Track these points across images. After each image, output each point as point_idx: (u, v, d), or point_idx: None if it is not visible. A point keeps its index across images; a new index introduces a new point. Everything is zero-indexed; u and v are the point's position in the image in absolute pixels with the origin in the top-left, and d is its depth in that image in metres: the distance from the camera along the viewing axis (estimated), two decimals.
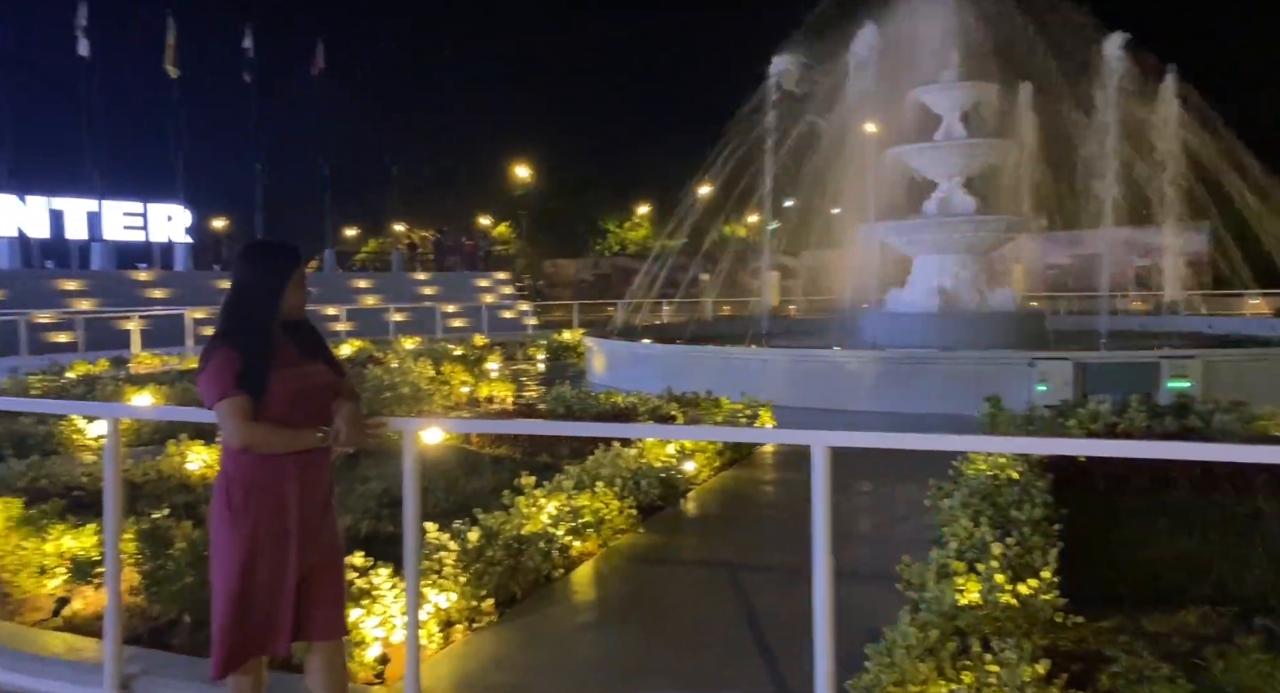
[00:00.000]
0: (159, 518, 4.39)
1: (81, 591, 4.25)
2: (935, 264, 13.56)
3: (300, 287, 2.97)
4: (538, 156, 57.58)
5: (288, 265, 2.94)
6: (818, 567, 2.81)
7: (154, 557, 4.02)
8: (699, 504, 6.29)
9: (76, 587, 4.24)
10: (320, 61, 36.58)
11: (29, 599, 4.28)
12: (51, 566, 4.26)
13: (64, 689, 3.54)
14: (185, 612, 3.79)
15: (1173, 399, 8.41)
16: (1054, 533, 4.65)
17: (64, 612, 4.12)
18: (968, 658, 3.28)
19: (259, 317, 2.88)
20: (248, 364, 2.84)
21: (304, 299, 3.00)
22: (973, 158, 13.96)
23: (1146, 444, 4.38)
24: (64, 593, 4.27)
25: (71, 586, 4.24)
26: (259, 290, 2.90)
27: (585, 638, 4.02)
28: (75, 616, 4.09)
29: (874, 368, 10.06)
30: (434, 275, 36.68)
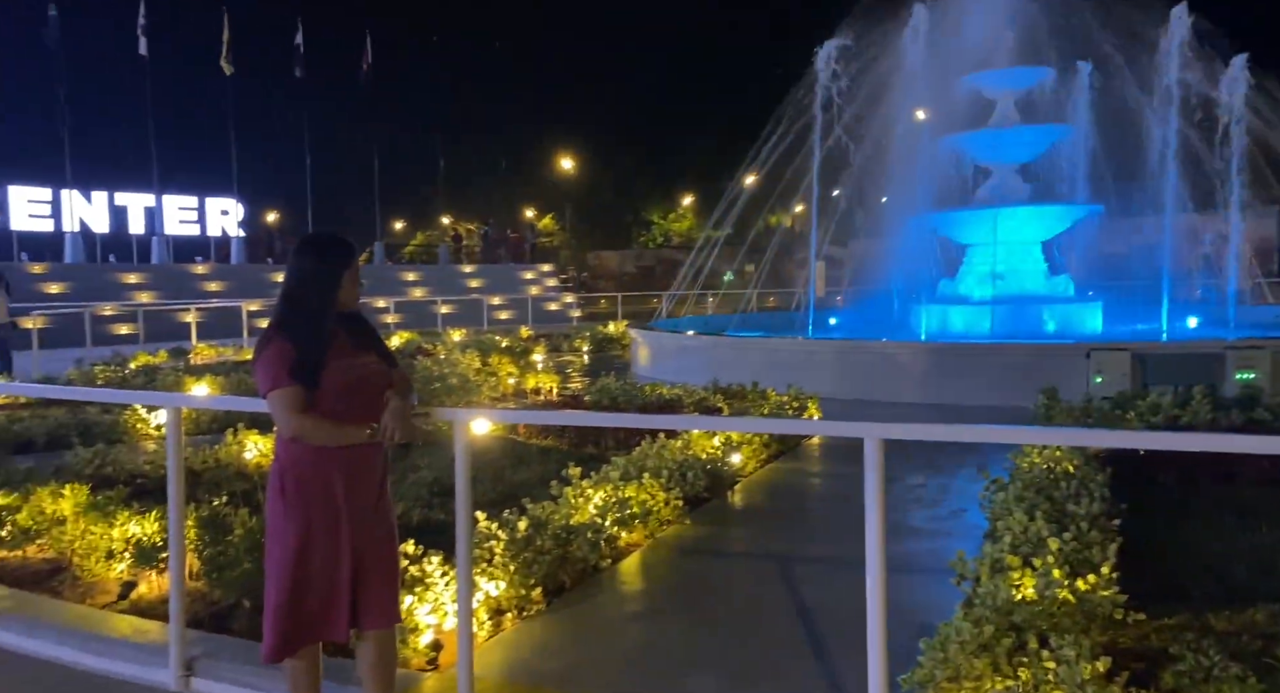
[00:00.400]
0: (218, 505, 4.50)
1: (146, 575, 4.38)
2: (988, 253, 13.28)
3: (354, 280, 3.00)
4: (582, 148, 57.74)
5: (343, 259, 2.97)
6: (871, 561, 2.78)
7: (214, 543, 4.12)
8: (746, 496, 6.26)
9: (141, 571, 4.36)
10: (369, 56, 37.04)
11: (98, 583, 4.43)
12: (118, 550, 4.40)
13: (131, 671, 3.65)
14: (245, 597, 3.88)
15: (1239, 392, 8.16)
16: (1113, 528, 4.54)
17: (130, 596, 4.25)
18: (1024, 654, 3.22)
19: (314, 309, 2.92)
20: (302, 356, 2.88)
21: (358, 292, 3.03)
22: (1027, 144, 13.62)
23: (1209, 437, 4.22)
24: (130, 577, 4.41)
25: (136, 570, 4.37)
26: (314, 284, 2.93)
27: (634, 628, 4.02)
28: (141, 599, 4.21)
29: (924, 359, 9.91)
30: (480, 268, 37.01)
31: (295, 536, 2.89)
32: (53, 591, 4.41)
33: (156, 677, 3.56)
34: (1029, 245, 13.41)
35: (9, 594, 4.36)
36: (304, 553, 2.88)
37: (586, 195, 59.77)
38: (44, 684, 3.68)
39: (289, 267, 3.02)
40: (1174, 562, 4.61)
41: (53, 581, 4.52)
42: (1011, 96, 13.63)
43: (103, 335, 20.32)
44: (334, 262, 2.96)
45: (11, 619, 4.09)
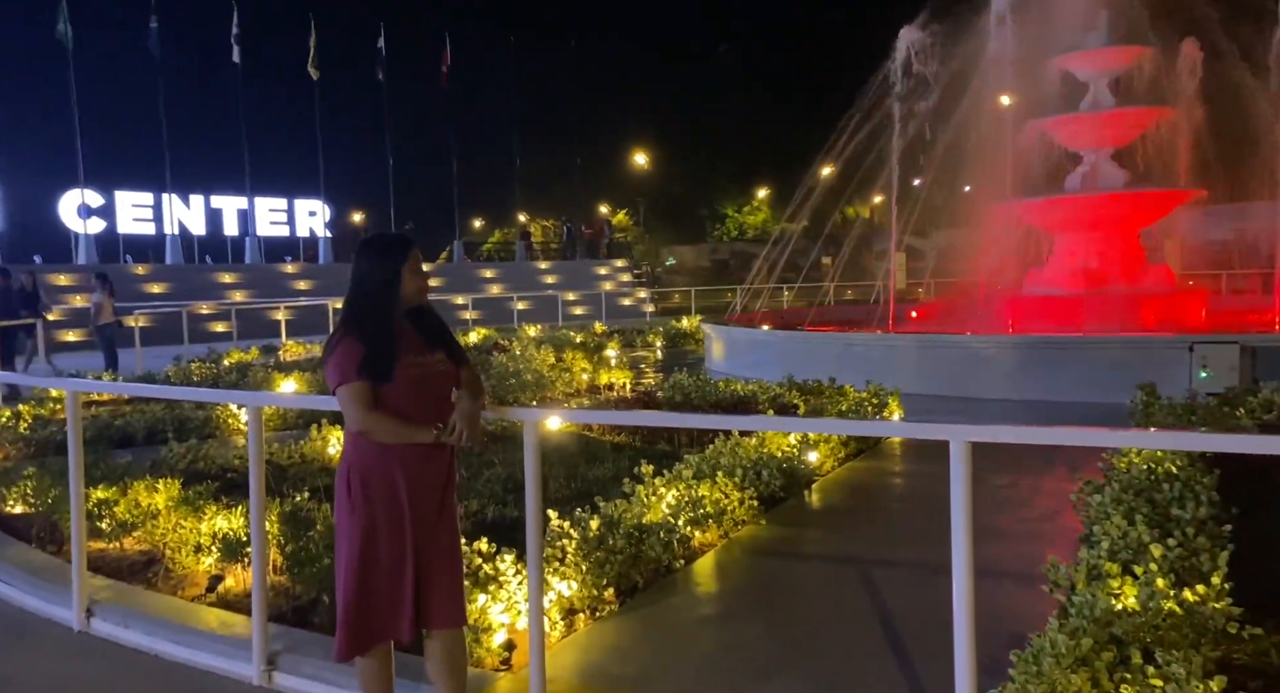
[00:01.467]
0: (301, 500, 4.59)
1: (232, 569, 4.50)
2: (1080, 242, 12.70)
3: (416, 274, 3.00)
4: (656, 143, 57.63)
5: (400, 255, 2.99)
6: (958, 568, 2.63)
7: (295, 538, 4.20)
8: (823, 496, 6.10)
9: (228, 565, 4.48)
10: (448, 58, 37.70)
11: (188, 575, 4.57)
12: (207, 544, 4.53)
13: (217, 663, 3.74)
14: (324, 592, 3.93)
15: None
16: (1223, 534, 4.24)
17: (217, 589, 4.37)
18: (1127, 670, 3.02)
19: (379, 307, 2.95)
20: (371, 352, 2.90)
21: (422, 286, 3.03)
22: (1122, 127, 12.96)
23: None
24: (218, 571, 4.54)
25: (224, 564, 4.49)
26: (376, 282, 2.96)
27: (708, 632, 3.94)
28: (227, 592, 4.33)
29: (1011, 353, 9.52)
30: (555, 264, 37.35)
31: (360, 534, 2.90)
32: (147, 582, 4.57)
33: (240, 670, 3.64)
34: (1123, 233, 12.77)
35: (108, 585, 4.53)
36: (369, 551, 2.90)
37: (660, 190, 59.71)
38: (136, 673, 3.81)
39: (352, 268, 3.05)
40: None
41: (147, 572, 4.68)
42: (1105, 78, 12.97)
43: (200, 333, 21.22)
44: (392, 259, 2.98)
45: (110, 609, 4.25)
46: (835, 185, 19.47)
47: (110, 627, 4.16)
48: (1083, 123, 13.11)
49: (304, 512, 4.56)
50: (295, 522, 4.30)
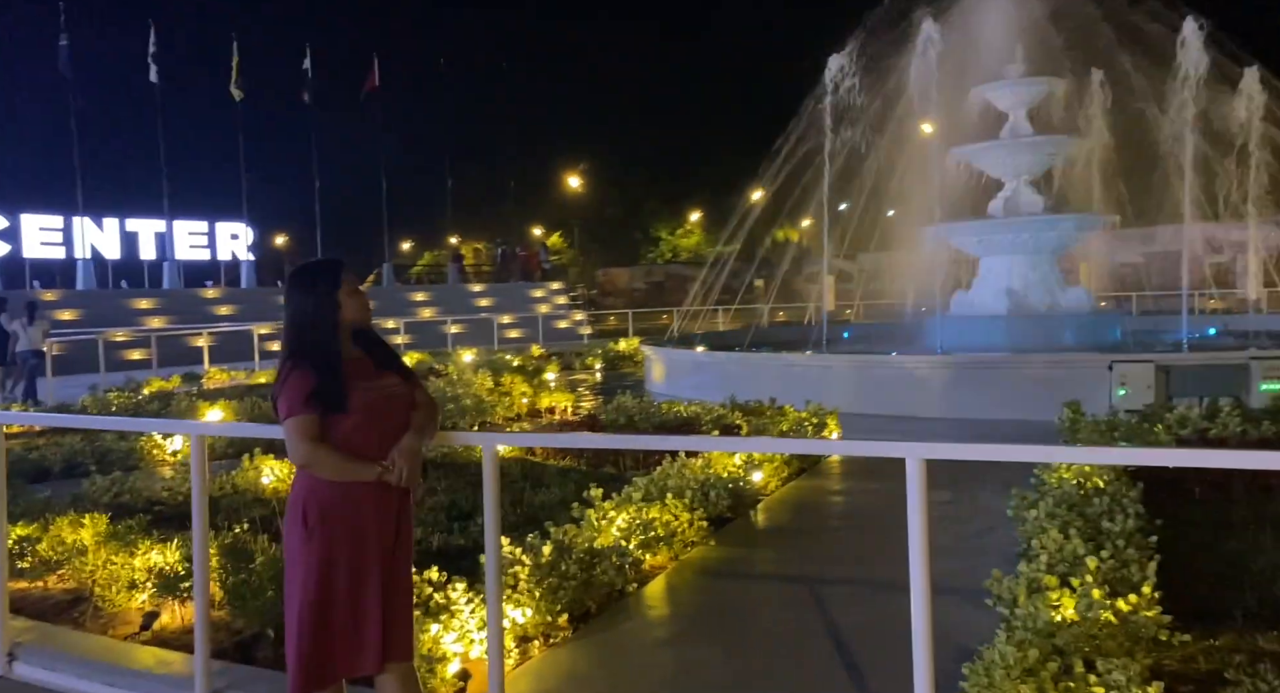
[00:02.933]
0: (239, 532, 4.44)
1: (168, 605, 4.32)
2: (1003, 265, 13.21)
3: (353, 295, 2.95)
4: (590, 166, 57.96)
5: (334, 279, 2.94)
6: (915, 582, 2.69)
7: (236, 571, 4.06)
8: (769, 516, 6.18)
9: (164, 601, 4.30)
10: (376, 78, 37.30)
11: (119, 613, 4.37)
12: (140, 580, 4.34)
13: None
14: (269, 626, 3.81)
15: (1266, 403, 8.03)
16: (1150, 545, 4.43)
17: (153, 626, 4.19)
18: (1070, 679, 3.13)
19: (322, 334, 2.89)
20: (321, 382, 2.83)
21: (363, 307, 2.98)
22: (1040, 155, 13.56)
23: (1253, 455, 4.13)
24: (152, 607, 4.35)
25: (159, 599, 4.31)
26: (314, 310, 2.90)
27: (664, 655, 3.93)
28: (163, 629, 4.15)
29: (942, 373, 9.82)
30: (490, 287, 37.07)
31: (318, 565, 2.81)
32: (74, 622, 4.36)
33: None
34: (1044, 256, 13.32)
35: (31, 626, 4.30)
36: (326, 583, 2.81)
37: (594, 213, 59.99)
38: None
39: (286, 300, 3.00)
40: (1214, 579, 4.50)
41: (74, 611, 4.46)
42: (1023, 107, 13.58)
43: (116, 361, 20.35)
44: (328, 284, 2.93)
45: (34, 652, 4.04)
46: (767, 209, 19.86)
47: (35, 670, 3.95)
48: (1002, 151, 13.67)
49: (242, 544, 4.42)
50: (235, 554, 4.16)
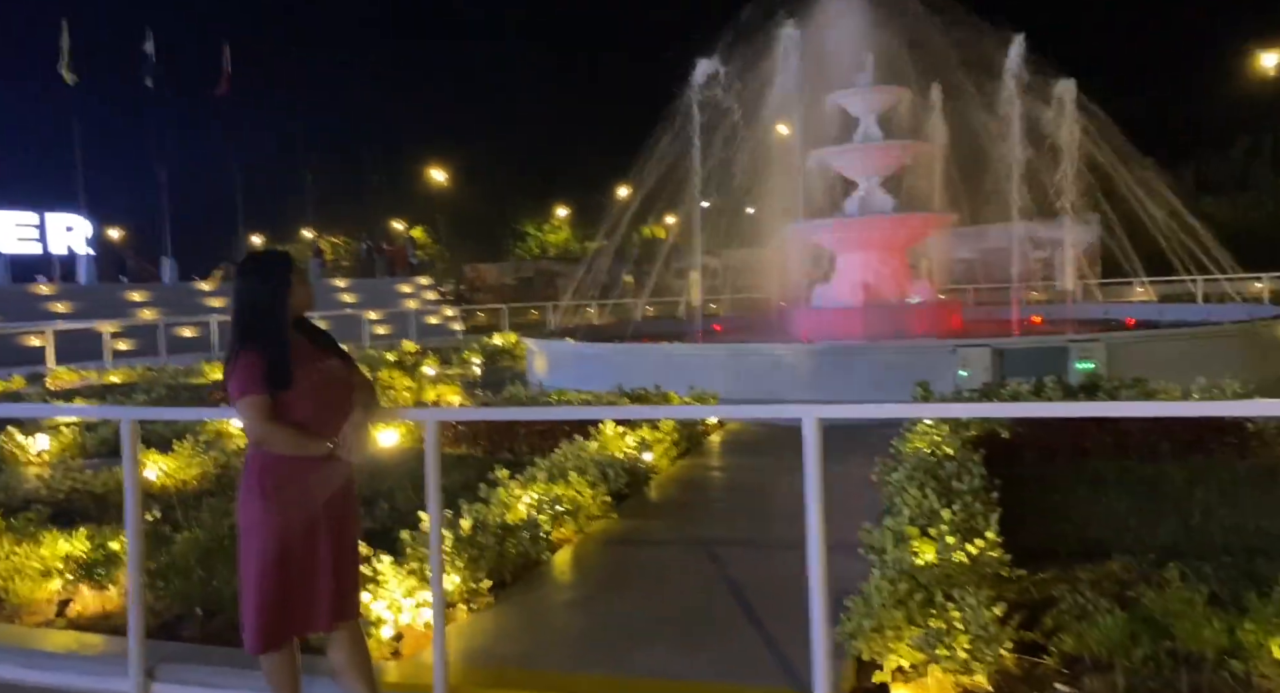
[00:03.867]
0: (151, 520, 4.47)
1: (79, 594, 4.30)
2: (859, 260, 14.23)
3: (301, 284, 3.18)
4: (455, 161, 57.14)
5: (285, 268, 3.17)
6: (811, 532, 3.16)
7: (154, 556, 4.11)
8: (663, 491, 6.63)
9: (75, 590, 4.28)
10: (227, 65, 35.54)
11: (25, 604, 4.31)
12: (56, 568, 4.30)
13: (85, 682, 3.63)
14: (195, 605, 3.91)
15: (1081, 379, 9.16)
16: (992, 500, 5.13)
17: (66, 613, 4.17)
18: (932, 606, 3.69)
19: (270, 318, 3.10)
20: (271, 363, 3.05)
21: (308, 296, 3.22)
22: (889, 158, 14.68)
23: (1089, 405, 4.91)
24: (64, 596, 4.32)
25: (72, 588, 4.29)
26: (265, 296, 3.11)
27: (581, 613, 4.29)
28: (79, 616, 4.15)
29: (810, 360, 10.57)
30: (354, 282, 36.04)
31: (276, 532, 3.03)
32: None
33: (115, 686, 3.56)
34: (894, 252, 14.45)
35: None
36: (285, 548, 3.03)
37: (460, 208, 59.17)
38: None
39: (236, 288, 3.19)
40: (1043, 527, 5.25)
41: None
42: (873, 114, 14.66)
43: None
44: (279, 273, 3.15)
45: None
46: (635, 206, 20.41)
47: None
48: (856, 154, 14.72)
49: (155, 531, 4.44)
50: (153, 539, 4.21)
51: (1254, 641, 3.28)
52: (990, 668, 3.48)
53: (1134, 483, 6.04)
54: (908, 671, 3.54)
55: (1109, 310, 16.94)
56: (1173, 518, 5.31)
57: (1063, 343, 9.89)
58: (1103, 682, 3.43)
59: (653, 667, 3.66)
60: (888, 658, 3.53)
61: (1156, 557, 4.45)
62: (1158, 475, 6.17)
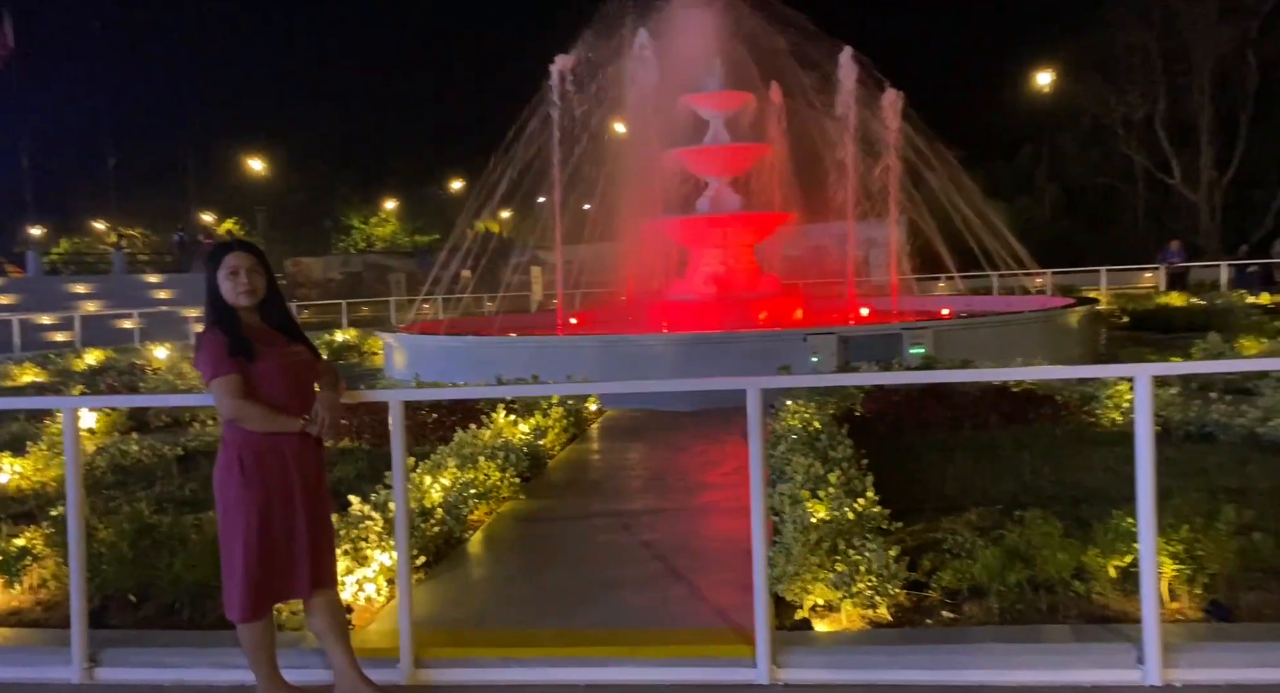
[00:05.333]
0: (57, 515, 4.29)
1: None
2: (711, 255, 14.99)
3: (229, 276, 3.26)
4: (275, 148, 54.25)
5: (214, 260, 3.33)
6: (755, 492, 3.57)
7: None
8: (562, 472, 6.93)
9: None
10: (9, 39, 32.08)
11: None
12: None
13: (22, 673, 3.50)
14: (128, 593, 3.85)
15: (916, 362, 10.22)
16: (864, 466, 5.79)
17: None
18: (837, 552, 4.22)
19: (219, 303, 3.27)
20: (231, 339, 3.20)
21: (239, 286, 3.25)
22: (736, 160, 15.55)
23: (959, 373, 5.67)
24: None
25: None
26: (210, 285, 3.30)
27: (518, 582, 4.53)
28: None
29: (676, 349, 11.11)
30: (169, 277, 33.58)
31: (256, 505, 3.17)
32: None
33: (55, 674, 3.48)
34: (743, 248, 15.33)
35: None
36: (265, 520, 3.18)
37: (277, 198, 56.23)
38: None
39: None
40: (902, 488, 5.93)
41: None
42: (722, 117, 15.48)
43: None
44: (212, 264, 3.32)
45: None
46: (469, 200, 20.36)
47: None
48: (705, 154, 15.49)
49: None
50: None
51: (1097, 563, 4.01)
52: (889, 602, 4.04)
53: (972, 449, 6.88)
54: (821, 608, 4.05)
55: (925, 302, 18.65)
56: (1008, 476, 6.13)
57: (897, 331, 10.94)
58: (980, 607, 4.07)
59: (597, 621, 3.97)
60: (806, 598, 4.02)
61: (1003, 507, 5.21)
62: (990, 442, 7.06)
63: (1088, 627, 3.82)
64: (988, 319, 12.70)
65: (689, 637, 3.83)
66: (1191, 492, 4.71)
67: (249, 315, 3.28)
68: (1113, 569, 4.04)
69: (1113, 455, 6.49)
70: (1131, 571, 4.05)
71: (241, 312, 3.26)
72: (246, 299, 3.27)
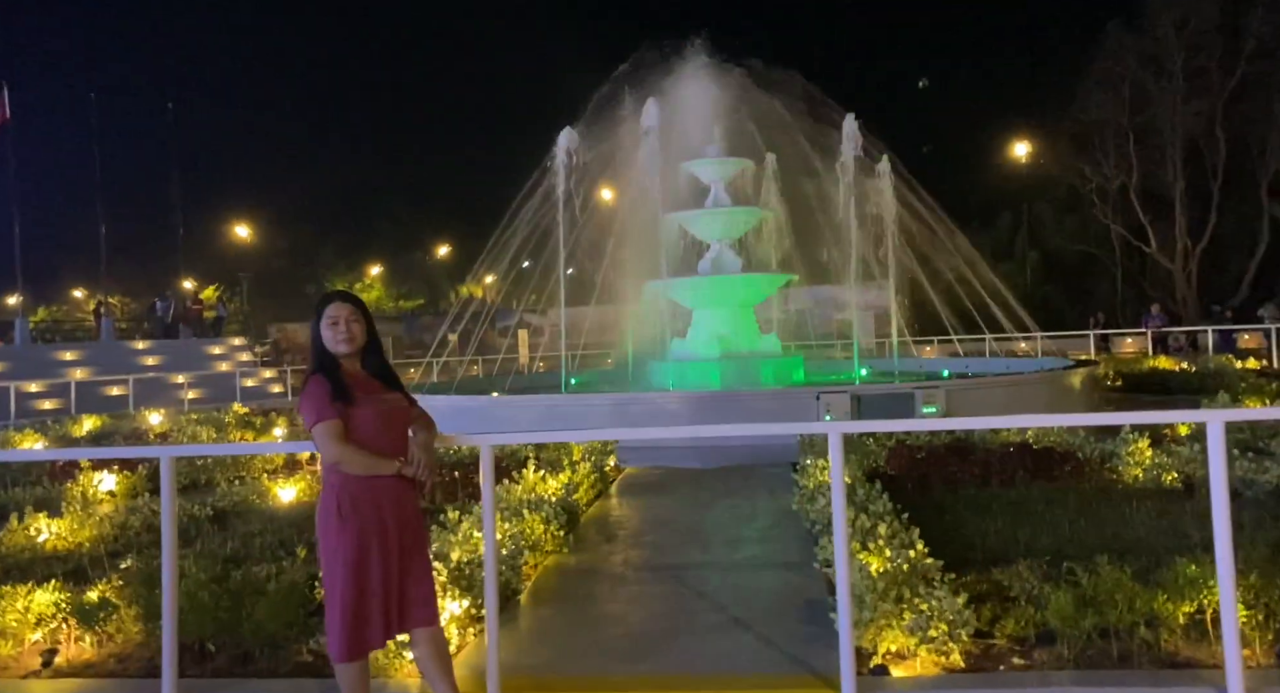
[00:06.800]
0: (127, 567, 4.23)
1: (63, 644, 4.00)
2: (713, 316, 15.18)
3: (330, 326, 3.39)
4: (257, 215, 54.63)
5: (319, 310, 3.45)
6: (839, 536, 3.61)
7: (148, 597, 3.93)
8: (597, 527, 6.90)
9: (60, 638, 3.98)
10: (5, 109, 32.31)
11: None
12: (47, 615, 3.97)
13: None
14: (208, 640, 3.79)
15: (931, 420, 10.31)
16: (904, 520, 5.81)
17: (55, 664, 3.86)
18: (903, 601, 4.22)
19: (322, 349, 3.39)
20: (332, 384, 3.30)
21: (338, 337, 3.38)
22: (737, 223, 15.89)
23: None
24: (49, 645, 3.98)
25: (55, 637, 3.98)
26: (315, 333, 3.43)
27: (584, 629, 4.51)
28: (65, 667, 3.86)
29: (690, 407, 11.17)
30: (157, 343, 33.26)
31: (354, 547, 3.22)
32: None
33: None
34: (744, 308, 15.54)
35: None
36: (363, 562, 3.23)
37: (261, 264, 56.38)
38: None
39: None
40: (943, 542, 5.96)
41: None
42: (722, 182, 15.86)
43: None
44: (317, 314, 3.45)
45: None
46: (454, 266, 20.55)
47: None
48: (706, 218, 15.82)
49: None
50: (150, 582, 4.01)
51: (1167, 610, 4.05)
52: (960, 648, 4.05)
53: (1003, 505, 6.94)
54: (891, 655, 4.05)
55: (923, 364, 18.87)
56: (1046, 530, 6.18)
57: (910, 390, 11.08)
58: (1049, 654, 4.08)
59: (673, 667, 3.94)
60: (881, 645, 4.02)
61: (1050, 558, 5.24)
62: (1020, 498, 7.13)
63: (1164, 673, 3.84)
64: (999, 379, 12.91)
65: (769, 683, 3.82)
66: (1244, 543, 4.77)
67: (349, 362, 3.40)
68: (1181, 616, 4.08)
69: (1144, 509, 6.58)
70: (1198, 617, 4.11)
71: (342, 359, 3.36)
72: (346, 347, 3.37)
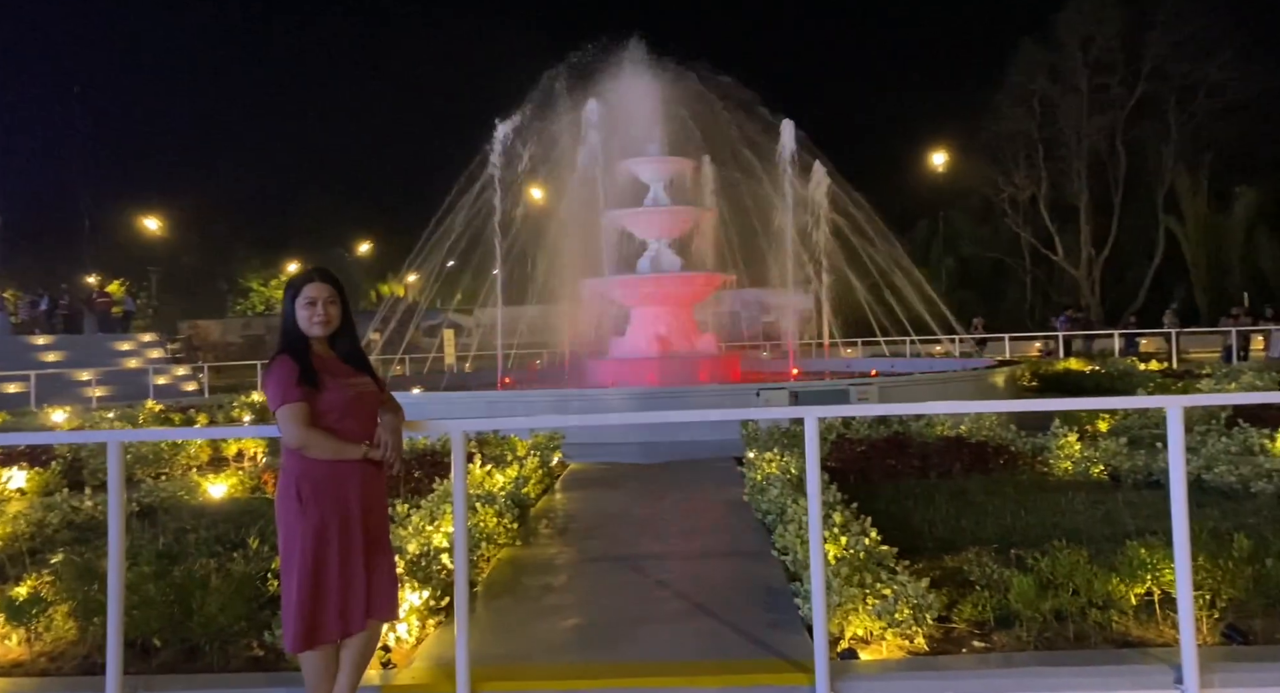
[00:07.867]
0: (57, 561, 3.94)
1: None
2: (652, 314, 15.17)
3: (306, 306, 3.24)
4: (167, 209, 52.52)
5: (292, 290, 3.30)
6: (813, 518, 3.60)
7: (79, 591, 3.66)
8: (548, 520, 6.78)
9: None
10: None
11: None
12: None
13: None
14: (154, 635, 3.56)
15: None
16: (854, 509, 5.88)
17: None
18: (866, 587, 4.26)
19: (294, 330, 3.25)
20: (299, 366, 3.15)
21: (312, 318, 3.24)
22: (676, 222, 15.92)
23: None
24: None
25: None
26: (286, 313, 3.28)
27: (546, 620, 4.40)
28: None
29: (632, 403, 11.11)
30: (59, 338, 31.51)
31: (313, 534, 3.08)
32: None
33: None
34: (682, 308, 15.58)
35: None
36: (321, 551, 3.08)
37: (169, 259, 54.25)
38: None
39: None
40: (893, 529, 6.05)
41: None
42: (662, 182, 15.87)
43: None
44: (290, 294, 3.30)
45: None
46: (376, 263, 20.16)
47: None
48: (646, 217, 15.80)
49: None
50: (86, 576, 3.74)
51: (1120, 591, 4.18)
52: (924, 631, 4.10)
53: (945, 495, 7.08)
54: (857, 640, 4.07)
55: (851, 364, 19.25)
56: (989, 519, 6.31)
57: (845, 386, 11.24)
58: (1009, 636, 4.16)
59: (643, 655, 3.87)
60: (847, 629, 4.04)
61: (998, 546, 5.36)
62: (960, 489, 7.29)
63: (1121, 651, 3.95)
64: (929, 376, 13.24)
65: (741, 668, 3.79)
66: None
67: (319, 345, 3.26)
68: (1134, 598, 4.21)
69: (1078, 499, 6.80)
70: (1148, 599, 4.25)
71: (313, 341, 3.21)
72: (320, 330, 3.23)
